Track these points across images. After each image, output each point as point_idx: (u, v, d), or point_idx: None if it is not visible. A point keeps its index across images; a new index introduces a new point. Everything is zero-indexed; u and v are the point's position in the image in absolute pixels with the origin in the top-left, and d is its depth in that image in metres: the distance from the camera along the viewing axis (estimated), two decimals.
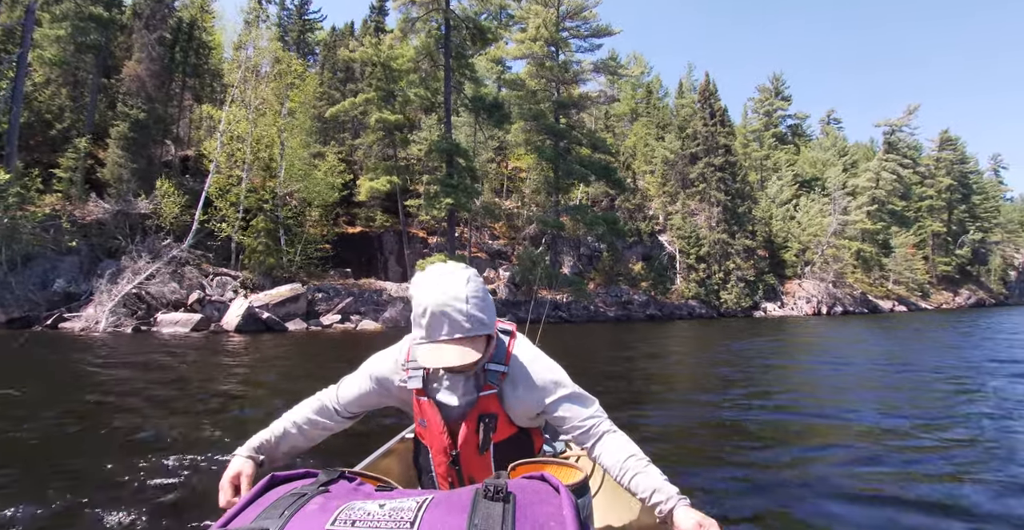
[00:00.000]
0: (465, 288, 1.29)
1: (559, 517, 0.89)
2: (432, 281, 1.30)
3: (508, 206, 33.74)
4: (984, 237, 61.32)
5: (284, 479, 1.11)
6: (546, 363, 1.52)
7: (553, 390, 1.46)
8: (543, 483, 1.01)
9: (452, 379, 1.50)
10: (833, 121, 66.54)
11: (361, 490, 1.07)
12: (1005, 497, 3.24)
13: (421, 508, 0.89)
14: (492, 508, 0.88)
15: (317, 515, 0.90)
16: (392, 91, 26.32)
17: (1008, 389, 6.96)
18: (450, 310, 1.26)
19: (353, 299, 20.57)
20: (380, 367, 1.59)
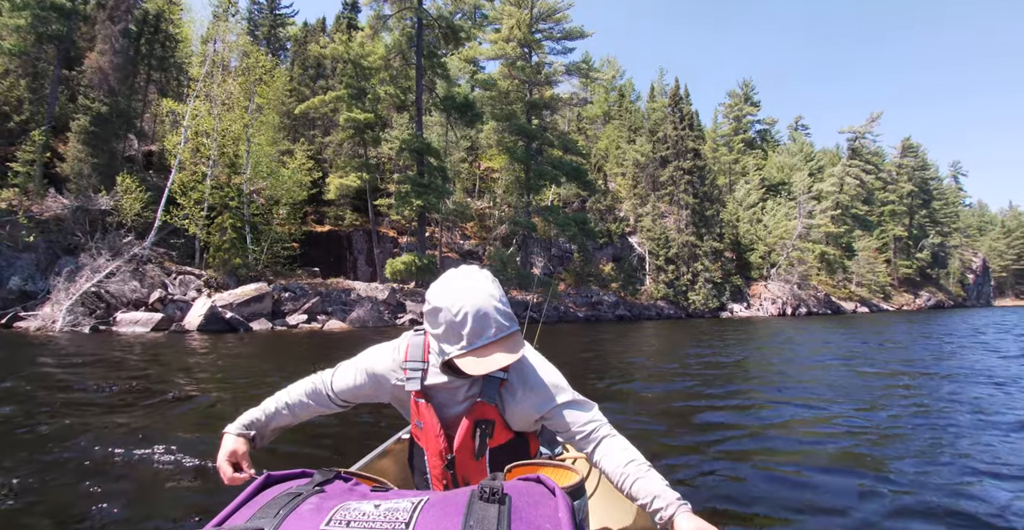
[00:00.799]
0: (494, 287, 1.32)
1: (555, 519, 0.89)
2: (460, 287, 1.28)
3: (480, 206, 33.81)
4: (943, 241, 63.56)
5: (279, 479, 1.10)
6: (546, 369, 1.51)
7: (553, 397, 1.46)
8: (539, 485, 1.01)
9: (452, 384, 1.48)
10: (801, 127, 68.15)
11: (356, 490, 1.07)
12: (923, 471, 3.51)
13: (416, 509, 0.89)
14: (487, 510, 0.88)
15: (312, 515, 0.90)
16: (363, 89, 26.15)
17: (938, 386, 7.32)
18: (491, 311, 1.26)
19: (320, 299, 20.41)
20: (377, 363, 1.58)
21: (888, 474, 3.76)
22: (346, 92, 25.63)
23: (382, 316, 20.97)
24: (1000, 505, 3.24)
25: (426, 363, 1.49)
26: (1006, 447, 4.47)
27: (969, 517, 3.08)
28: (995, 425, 5.23)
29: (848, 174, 52.58)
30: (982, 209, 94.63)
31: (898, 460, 4.09)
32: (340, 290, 21.76)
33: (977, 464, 4.00)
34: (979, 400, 6.48)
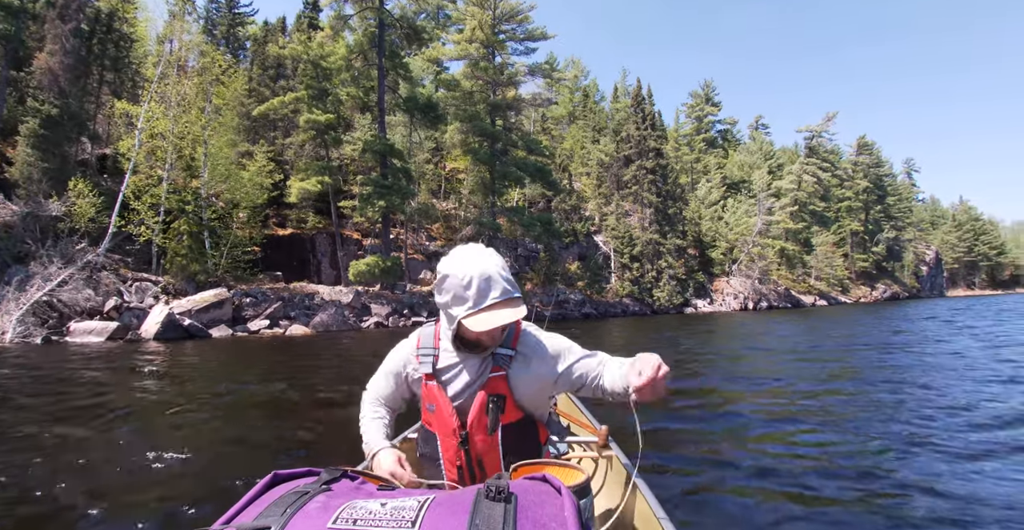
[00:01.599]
0: (495, 258, 1.44)
1: (560, 518, 0.90)
2: (468, 257, 1.42)
3: (445, 207, 33.82)
4: (898, 235, 65.84)
5: (286, 477, 1.11)
6: (549, 337, 1.62)
7: (566, 354, 1.57)
8: (544, 484, 1.02)
9: (462, 363, 1.57)
10: (761, 126, 69.68)
11: (363, 489, 1.09)
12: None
13: (423, 508, 0.90)
14: (493, 508, 0.89)
15: (319, 513, 0.91)
16: (324, 90, 25.93)
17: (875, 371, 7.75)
18: (494, 275, 1.38)
19: (283, 303, 20.23)
20: (394, 361, 1.71)
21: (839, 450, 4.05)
22: (306, 93, 25.41)
23: (347, 320, 20.90)
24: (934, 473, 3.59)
25: (437, 349, 1.61)
26: (939, 423, 4.81)
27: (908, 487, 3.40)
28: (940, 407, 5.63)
29: (806, 172, 54.10)
30: (934, 204, 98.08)
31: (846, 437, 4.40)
32: (303, 294, 21.59)
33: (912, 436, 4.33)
34: (926, 385, 6.87)
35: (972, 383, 7.06)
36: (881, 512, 3.06)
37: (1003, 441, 4.34)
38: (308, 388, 7.43)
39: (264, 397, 6.74)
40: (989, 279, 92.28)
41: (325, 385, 7.73)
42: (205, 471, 3.76)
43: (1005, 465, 3.75)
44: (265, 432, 5.07)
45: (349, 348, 13.72)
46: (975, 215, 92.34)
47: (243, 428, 5.21)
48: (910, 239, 70.64)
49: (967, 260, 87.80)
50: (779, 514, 3.09)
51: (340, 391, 7.12)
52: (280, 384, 7.53)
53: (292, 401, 6.54)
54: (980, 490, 3.32)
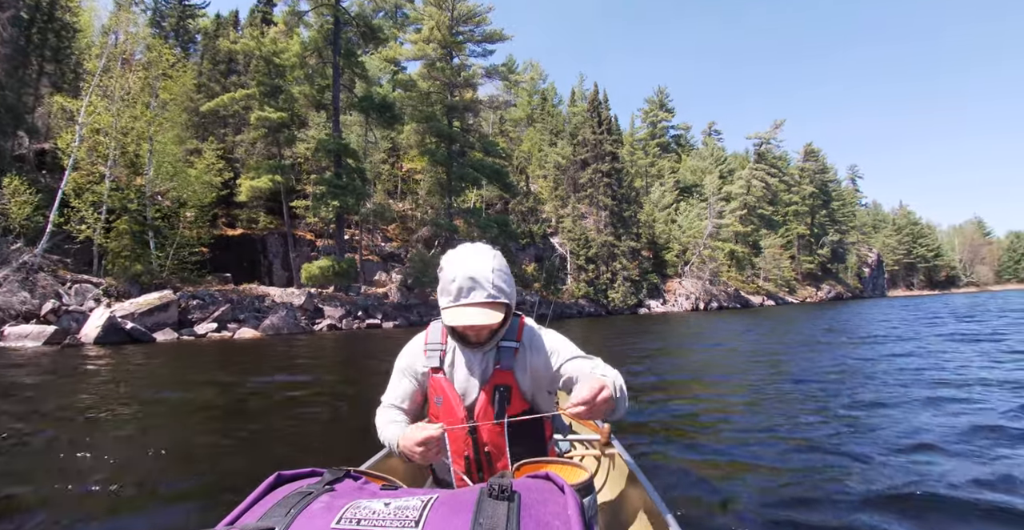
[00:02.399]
0: (492, 262, 1.47)
1: (564, 516, 0.90)
2: (462, 256, 1.48)
3: (402, 208, 33.65)
4: (842, 238, 68.61)
5: (290, 478, 1.11)
6: (552, 335, 1.69)
7: (560, 352, 1.61)
8: (548, 482, 1.03)
9: (469, 356, 1.62)
10: (714, 132, 71.54)
11: (366, 489, 1.09)
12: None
13: (426, 507, 0.90)
14: (497, 507, 0.89)
15: (323, 514, 0.91)
16: (276, 87, 25.46)
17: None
18: (478, 277, 1.43)
19: (231, 306, 19.82)
20: (406, 358, 1.74)
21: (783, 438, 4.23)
22: (258, 90, 24.90)
23: (298, 322, 20.62)
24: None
25: (444, 344, 1.66)
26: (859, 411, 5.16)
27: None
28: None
29: (755, 177, 55.98)
30: (876, 209, 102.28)
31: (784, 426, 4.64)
32: (253, 296, 21.20)
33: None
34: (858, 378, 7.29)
35: (895, 371, 7.55)
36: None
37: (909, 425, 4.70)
38: (253, 392, 7.38)
39: (203, 403, 6.69)
40: (927, 280, 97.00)
41: (272, 389, 7.68)
42: (129, 482, 3.78)
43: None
44: (205, 438, 5.07)
45: (301, 351, 13.60)
46: (914, 219, 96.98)
47: (181, 435, 5.20)
48: (853, 242, 73.76)
49: (906, 262, 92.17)
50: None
51: (289, 395, 7.10)
52: (222, 389, 7.47)
53: (232, 406, 6.51)
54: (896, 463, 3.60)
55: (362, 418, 5.09)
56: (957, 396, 5.98)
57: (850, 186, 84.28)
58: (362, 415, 5.38)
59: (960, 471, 3.52)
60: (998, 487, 3.23)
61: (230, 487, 3.45)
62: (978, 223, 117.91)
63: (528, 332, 1.66)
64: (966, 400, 5.77)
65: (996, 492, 3.13)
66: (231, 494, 3.30)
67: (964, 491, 3.18)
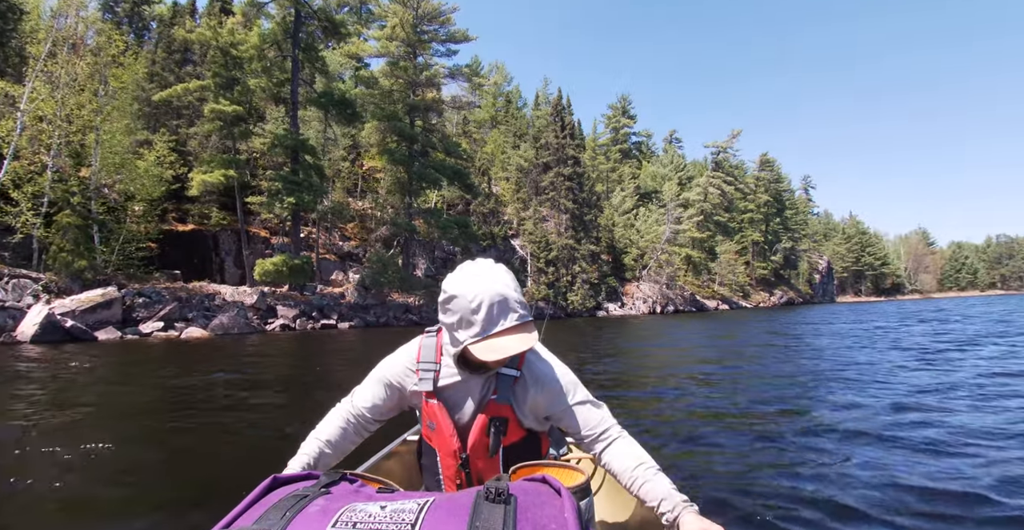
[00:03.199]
0: (509, 278, 1.33)
1: (560, 519, 0.89)
2: (478, 275, 1.30)
3: (361, 207, 33.19)
4: (794, 246, 70.85)
5: (286, 481, 1.09)
6: (558, 368, 1.51)
7: (563, 395, 1.47)
8: (544, 485, 1.01)
9: (465, 382, 1.48)
10: (675, 140, 72.96)
11: (362, 492, 1.07)
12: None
13: (422, 510, 0.89)
14: (493, 510, 0.88)
15: (318, 517, 0.90)
16: (233, 79, 24.76)
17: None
18: (506, 299, 1.27)
19: (179, 304, 19.19)
20: (392, 371, 1.57)
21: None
22: (213, 82, 24.18)
23: (250, 322, 20.10)
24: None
25: (439, 364, 1.50)
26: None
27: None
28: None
29: (712, 185, 57.34)
30: (827, 217, 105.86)
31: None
32: (203, 294, 20.56)
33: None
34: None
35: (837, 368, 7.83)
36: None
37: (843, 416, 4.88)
38: (197, 394, 7.14)
39: (143, 405, 6.43)
40: (874, 287, 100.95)
41: (218, 391, 7.44)
42: (61, 496, 3.60)
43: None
44: (144, 444, 4.87)
45: (250, 351, 13.24)
46: (862, 229, 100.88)
47: (120, 441, 4.97)
48: (805, 249, 76.23)
49: (855, 269, 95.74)
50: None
51: (236, 397, 6.89)
52: (165, 390, 7.20)
53: (175, 408, 6.28)
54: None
55: (309, 425, 4.99)
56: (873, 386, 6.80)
57: (803, 195, 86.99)
58: (309, 421, 5.27)
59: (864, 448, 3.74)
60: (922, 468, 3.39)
61: (170, 500, 3.33)
62: (922, 233, 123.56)
63: (530, 361, 1.50)
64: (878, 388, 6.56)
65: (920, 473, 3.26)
66: (171, 506, 3.18)
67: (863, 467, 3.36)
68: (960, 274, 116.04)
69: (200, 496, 3.37)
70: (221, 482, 3.65)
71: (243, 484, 1.35)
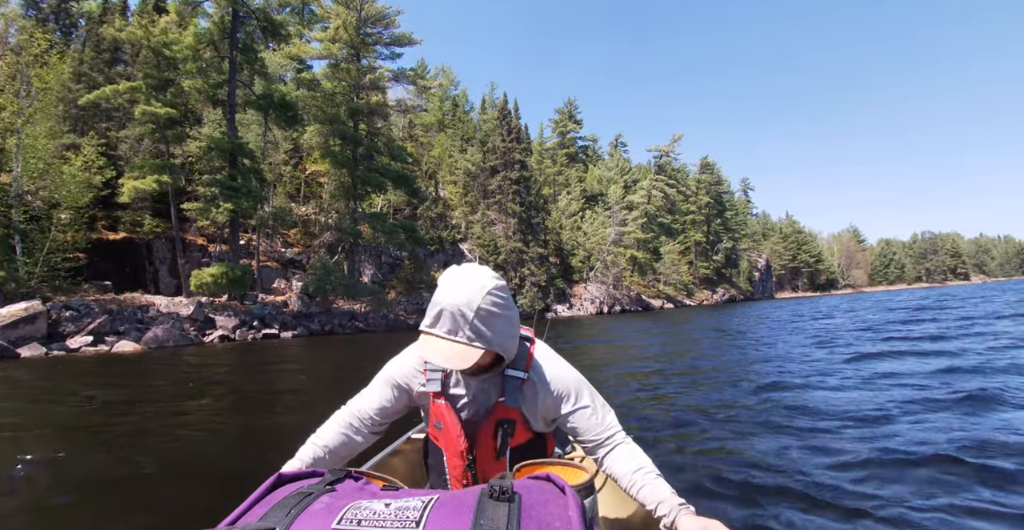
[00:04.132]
0: (482, 298, 1.27)
1: (564, 517, 0.89)
2: (452, 280, 1.30)
3: (304, 212, 32.52)
4: (735, 245, 73.33)
5: (290, 478, 1.10)
6: (566, 371, 1.51)
7: (570, 399, 1.46)
8: (549, 483, 1.01)
9: (472, 383, 1.48)
10: (620, 144, 74.40)
11: (367, 489, 1.07)
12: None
13: (427, 508, 0.89)
14: (497, 508, 0.88)
15: (323, 514, 0.90)
16: (166, 80, 23.85)
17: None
18: (457, 314, 1.25)
19: (110, 317, 18.36)
20: (398, 372, 1.56)
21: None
22: (145, 83, 23.21)
23: (186, 334, 19.42)
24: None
25: None
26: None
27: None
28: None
29: (655, 187, 58.86)
30: (766, 218, 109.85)
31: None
32: (136, 306, 19.73)
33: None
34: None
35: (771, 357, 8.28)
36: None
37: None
38: (128, 411, 6.90)
39: (69, 424, 6.19)
40: (809, 283, 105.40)
41: (149, 407, 7.21)
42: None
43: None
44: (70, 465, 4.71)
45: (184, 365, 12.82)
46: (798, 228, 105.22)
47: (43, 463, 4.80)
48: (745, 248, 79.08)
49: (791, 267, 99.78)
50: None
51: (169, 413, 6.69)
52: (94, 408, 6.94)
53: (106, 427, 6.07)
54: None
55: (252, 440, 4.94)
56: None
57: (743, 197, 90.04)
58: (250, 437, 5.21)
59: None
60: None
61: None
62: (854, 231, 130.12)
63: (538, 363, 1.50)
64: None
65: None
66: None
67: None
68: (889, 269, 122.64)
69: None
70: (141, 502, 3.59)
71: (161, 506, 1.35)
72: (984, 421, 4.64)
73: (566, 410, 1.47)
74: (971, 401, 5.30)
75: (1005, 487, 3.14)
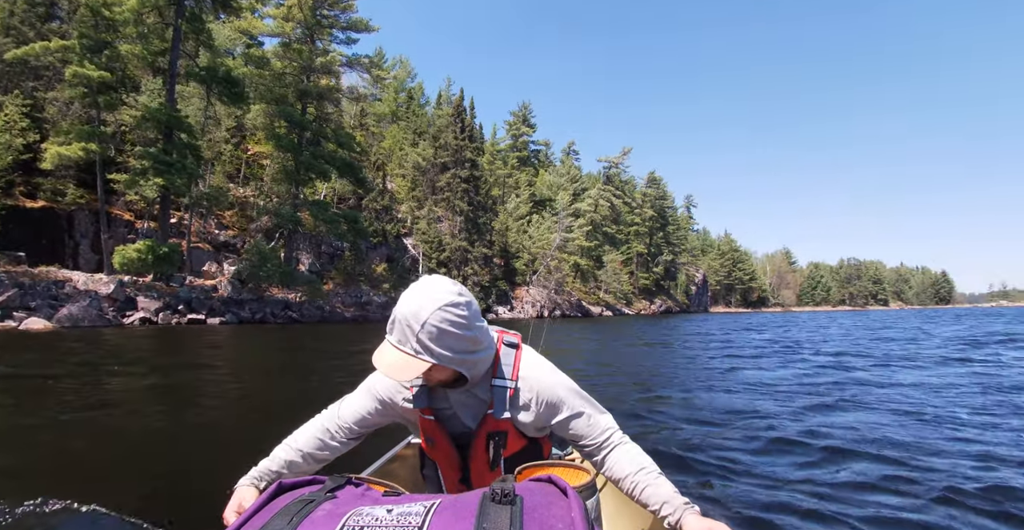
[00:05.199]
0: (432, 313, 1.21)
1: (567, 519, 0.88)
2: (416, 290, 1.25)
3: (243, 194, 31.30)
4: (675, 258, 75.66)
5: (291, 486, 1.08)
6: (555, 377, 1.46)
7: (562, 407, 1.42)
8: (550, 485, 1.00)
9: (456, 396, 1.44)
10: (573, 152, 75.34)
11: (368, 495, 1.05)
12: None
13: (429, 513, 0.88)
14: (500, 511, 0.86)
15: (325, 521, 0.89)
16: (103, 42, 22.42)
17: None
18: (404, 325, 1.22)
19: (21, 291, 17.12)
20: (382, 385, 1.50)
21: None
22: (79, 43, 21.76)
23: (104, 314, 18.33)
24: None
25: None
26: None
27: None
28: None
29: (602, 197, 60.02)
30: (705, 234, 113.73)
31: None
32: (50, 281, 18.51)
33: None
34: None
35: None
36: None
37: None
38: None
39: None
40: (742, 299, 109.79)
41: (47, 394, 6.68)
42: None
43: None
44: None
45: (98, 348, 12.06)
46: (735, 246, 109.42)
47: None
48: (684, 262, 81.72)
49: (727, 283, 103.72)
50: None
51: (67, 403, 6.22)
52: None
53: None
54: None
55: (159, 439, 4.62)
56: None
57: (685, 213, 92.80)
58: (155, 433, 4.88)
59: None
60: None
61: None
62: (786, 253, 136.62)
63: (526, 371, 1.44)
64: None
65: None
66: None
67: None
68: (816, 291, 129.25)
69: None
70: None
71: None
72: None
73: (559, 418, 1.43)
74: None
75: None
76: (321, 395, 6.60)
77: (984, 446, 4.26)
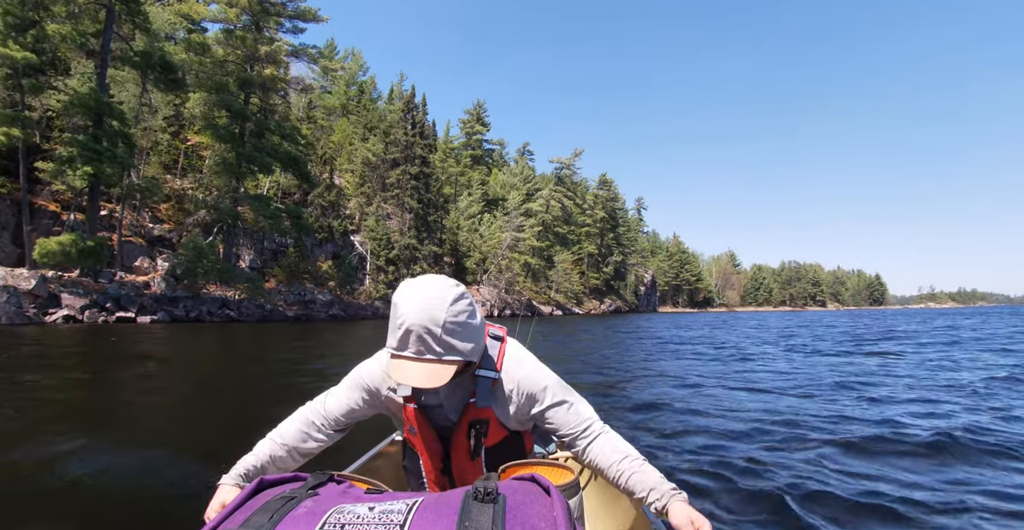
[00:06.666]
0: (446, 311, 1.20)
1: (549, 518, 0.88)
2: (415, 295, 1.20)
3: (180, 186, 29.91)
4: (624, 260, 77.08)
5: (273, 483, 1.07)
6: (537, 369, 1.46)
7: (543, 397, 1.43)
8: (533, 484, 1.00)
9: (443, 387, 1.43)
10: (527, 152, 75.49)
11: (350, 493, 1.04)
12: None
13: (411, 510, 0.87)
14: (482, 510, 0.86)
15: (306, 519, 0.88)
16: (29, 21, 21.00)
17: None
18: (423, 332, 1.18)
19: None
20: (367, 377, 1.49)
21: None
22: (2, 20, 20.28)
23: (24, 311, 17.18)
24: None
25: None
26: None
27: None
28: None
29: (554, 198, 60.55)
30: (655, 236, 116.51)
31: None
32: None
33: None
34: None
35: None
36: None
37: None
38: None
39: None
40: (689, 300, 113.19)
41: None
42: None
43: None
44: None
45: (16, 349, 11.23)
46: (683, 248, 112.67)
47: None
48: (634, 263, 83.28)
49: (674, 283, 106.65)
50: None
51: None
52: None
53: None
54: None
55: (94, 449, 4.23)
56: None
57: (635, 215, 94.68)
58: (90, 445, 4.45)
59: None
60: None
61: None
62: (731, 255, 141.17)
63: (509, 362, 1.44)
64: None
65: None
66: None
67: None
68: (759, 292, 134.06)
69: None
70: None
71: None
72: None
73: (539, 408, 1.44)
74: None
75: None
76: (261, 408, 6.30)
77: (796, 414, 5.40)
